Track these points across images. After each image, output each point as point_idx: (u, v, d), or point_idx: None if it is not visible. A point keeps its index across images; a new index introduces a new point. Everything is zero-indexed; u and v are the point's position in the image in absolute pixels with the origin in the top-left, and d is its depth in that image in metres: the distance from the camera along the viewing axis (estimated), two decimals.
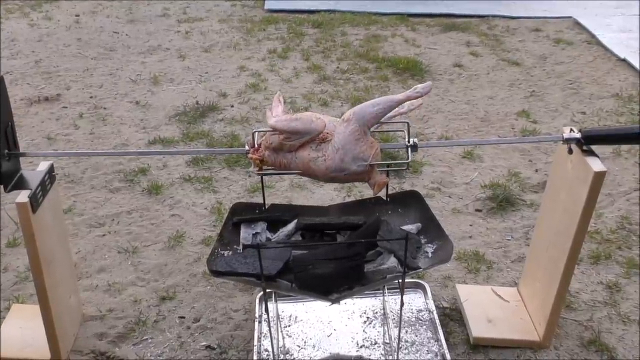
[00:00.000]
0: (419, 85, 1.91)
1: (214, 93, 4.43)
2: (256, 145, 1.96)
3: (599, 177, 1.90)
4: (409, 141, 1.98)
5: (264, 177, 2.10)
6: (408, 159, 1.99)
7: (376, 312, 2.43)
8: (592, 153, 1.97)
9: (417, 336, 2.32)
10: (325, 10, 6.36)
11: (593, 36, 5.63)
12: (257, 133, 1.99)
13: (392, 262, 1.97)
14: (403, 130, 2.05)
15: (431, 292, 2.50)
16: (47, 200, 2.01)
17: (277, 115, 1.93)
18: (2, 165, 1.88)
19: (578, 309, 2.50)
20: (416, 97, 1.92)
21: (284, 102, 2.07)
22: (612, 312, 2.48)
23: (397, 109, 1.97)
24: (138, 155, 3.53)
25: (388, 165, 2.12)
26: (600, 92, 4.53)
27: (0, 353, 2.21)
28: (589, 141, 1.98)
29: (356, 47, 5.36)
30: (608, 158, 3.55)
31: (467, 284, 2.62)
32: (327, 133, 1.89)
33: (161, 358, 2.27)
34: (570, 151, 2.04)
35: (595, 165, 1.91)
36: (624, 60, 5.09)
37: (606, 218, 3.07)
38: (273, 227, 2.16)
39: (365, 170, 1.91)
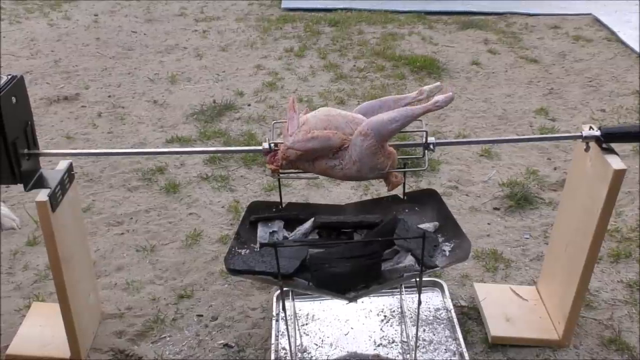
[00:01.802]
0: (440, 97, 1.90)
1: (230, 92, 4.44)
2: (273, 147, 1.95)
3: (619, 175, 1.88)
4: (426, 143, 1.97)
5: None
6: (425, 163, 2.00)
7: (393, 311, 2.42)
8: (611, 151, 1.95)
9: (434, 335, 2.31)
10: (341, 9, 6.36)
11: (613, 33, 5.58)
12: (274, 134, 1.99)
13: (409, 260, 1.96)
14: (421, 120, 2.04)
15: (449, 290, 2.49)
16: (66, 199, 2.02)
17: (293, 133, 1.88)
18: (22, 164, 1.89)
19: (598, 307, 2.48)
20: (436, 110, 1.91)
21: (300, 104, 2.06)
22: (633, 311, 2.46)
23: (415, 96, 1.97)
24: (156, 154, 3.55)
25: (404, 167, 2.11)
26: (620, 89, 4.48)
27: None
28: (608, 139, 1.96)
29: (373, 45, 5.35)
30: (628, 156, 3.51)
31: (485, 282, 2.60)
32: (345, 139, 1.88)
33: (179, 356, 2.28)
34: (587, 148, 2.02)
35: (615, 163, 1.89)
36: None
37: (626, 216, 3.04)
38: (290, 225, 2.16)
39: (382, 176, 1.92)
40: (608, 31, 5.66)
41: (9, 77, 1.87)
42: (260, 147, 1.96)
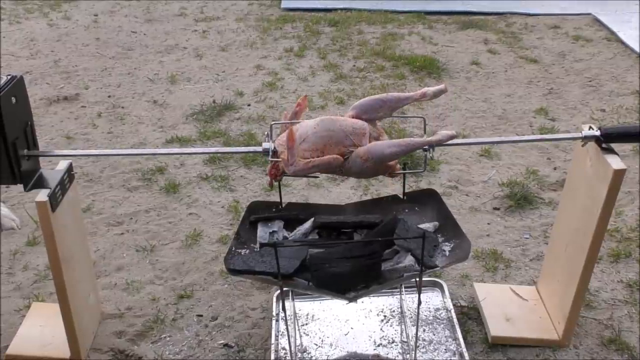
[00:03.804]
0: (444, 133, 1.91)
1: (230, 92, 4.44)
2: (276, 146, 1.96)
3: (619, 175, 1.88)
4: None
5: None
6: (424, 165, 2.01)
7: (393, 311, 2.42)
8: (611, 151, 1.95)
9: (434, 335, 2.31)
10: (341, 9, 6.36)
11: (612, 33, 5.58)
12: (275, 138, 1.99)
13: (409, 260, 1.96)
14: (421, 115, 2.05)
15: (449, 290, 2.49)
16: (66, 199, 2.02)
17: (293, 162, 1.89)
18: (22, 164, 1.89)
19: (598, 307, 2.48)
20: (437, 144, 1.94)
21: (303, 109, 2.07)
22: (633, 311, 2.46)
23: (418, 98, 1.97)
24: (156, 154, 3.55)
25: (404, 169, 2.11)
26: (620, 89, 4.48)
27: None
28: (608, 139, 1.96)
29: (373, 45, 5.35)
30: (628, 156, 3.51)
31: (485, 282, 2.60)
32: (345, 151, 1.91)
33: (179, 356, 2.28)
34: (584, 144, 2.02)
35: (615, 163, 1.89)
36: None
37: (626, 216, 3.04)
38: (290, 225, 2.16)
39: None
40: (608, 31, 5.66)
41: (9, 77, 1.87)
42: (260, 148, 1.96)
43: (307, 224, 2.12)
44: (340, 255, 1.88)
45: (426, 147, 1.95)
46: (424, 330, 2.33)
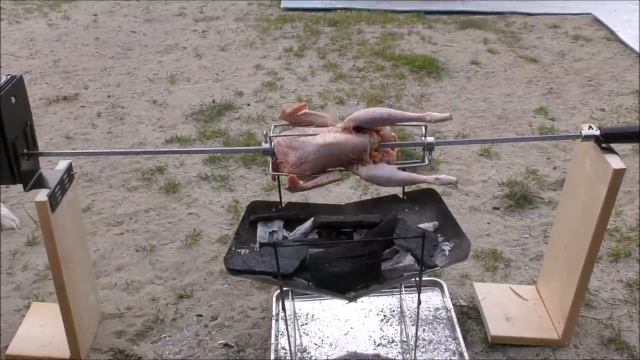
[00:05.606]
0: (444, 177, 1.93)
1: (230, 92, 4.44)
2: (276, 151, 1.97)
3: (618, 174, 1.88)
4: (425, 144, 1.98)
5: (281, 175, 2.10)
6: (424, 160, 2.01)
7: (393, 311, 2.42)
8: (611, 150, 1.95)
9: (434, 334, 2.31)
10: (341, 8, 6.37)
11: (612, 32, 5.58)
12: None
13: (409, 260, 1.96)
14: (421, 122, 2.05)
15: (448, 290, 2.49)
16: (66, 199, 2.02)
17: (295, 187, 1.94)
18: (22, 164, 1.89)
19: (597, 307, 2.48)
20: (434, 184, 1.96)
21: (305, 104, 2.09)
22: (633, 310, 2.46)
23: (420, 120, 1.98)
24: (155, 154, 3.55)
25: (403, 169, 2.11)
26: (620, 88, 4.48)
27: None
28: (608, 139, 1.96)
29: (372, 45, 5.35)
30: (628, 155, 3.51)
31: (484, 282, 2.60)
32: (346, 164, 1.95)
33: (179, 356, 2.28)
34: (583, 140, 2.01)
35: (615, 162, 1.89)
36: None
37: (626, 216, 3.04)
38: (289, 225, 2.16)
39: None
40: (607, 31, 5.66)
41: (9, 77, 1.87)
42: (260, 148, 1.96)
43: (307, 224, 2.13)
44: (340, 255, 1.88)
45: (426, 148, 1.97)
46: (424, 330, 2.33)
